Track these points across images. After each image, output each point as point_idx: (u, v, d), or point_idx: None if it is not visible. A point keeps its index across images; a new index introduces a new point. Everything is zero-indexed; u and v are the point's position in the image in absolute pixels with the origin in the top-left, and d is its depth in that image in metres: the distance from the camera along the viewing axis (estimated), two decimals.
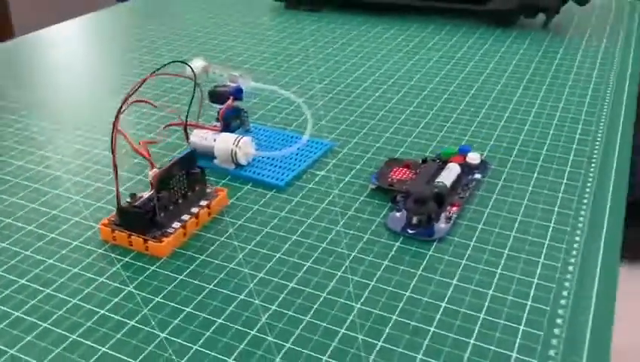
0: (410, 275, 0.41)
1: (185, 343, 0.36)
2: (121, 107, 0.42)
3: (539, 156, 0.56)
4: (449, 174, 0.50)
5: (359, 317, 0.38)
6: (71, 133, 0.62)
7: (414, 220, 0.46)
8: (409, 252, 0.44)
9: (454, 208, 0.48)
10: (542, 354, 0.34)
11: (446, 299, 0.39)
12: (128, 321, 0.37)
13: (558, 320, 0.36)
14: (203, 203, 0.47)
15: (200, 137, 0.54)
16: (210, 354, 0.35)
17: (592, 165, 0.54)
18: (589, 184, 0.51)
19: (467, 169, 0.53)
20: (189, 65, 0.49)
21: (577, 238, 0.44)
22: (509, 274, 0.41)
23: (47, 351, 0.35)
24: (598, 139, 0.59)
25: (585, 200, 0.49)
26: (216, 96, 0.55)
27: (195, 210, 0.46)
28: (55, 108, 0.68)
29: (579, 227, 0.46)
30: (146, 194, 0.45)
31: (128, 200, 0.45)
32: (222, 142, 0.53)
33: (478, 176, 0.52)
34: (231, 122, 0.56)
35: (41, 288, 0.40)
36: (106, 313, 0.38)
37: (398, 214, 0.47)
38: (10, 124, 0.64)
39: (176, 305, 0.39)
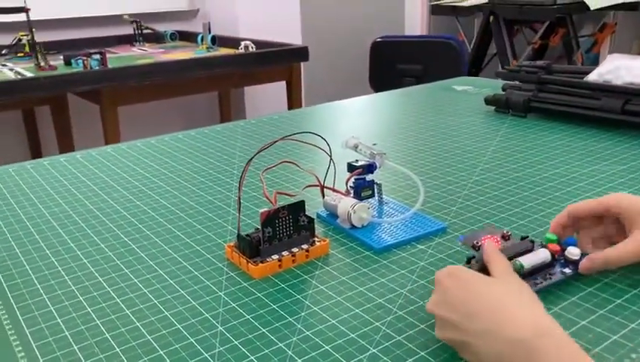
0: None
1: (230, 337, 0.46)
2: (251, 159, 0.56)
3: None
4: (533, 257, 0.51)
5: (368, 359, 0.43)
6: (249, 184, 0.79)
7: None
8: None
9: None
10: None
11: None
12: (204, 313, 0.50)
13: None
14: (304, 246, 0.58)
15: (331, 198, 0.65)
16: (243, 351, 0.45)
17: None
18: None
19: (563, 260, 0.53)
20: (324, 139, 0.61)
21: None
22: None
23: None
24: None
25: None
26: (351, 168, 0.65)
27: (295, 249, 0.57)
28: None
29: None
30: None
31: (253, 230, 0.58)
32: (343, 205, 0.63)
33: (568, 270, 0.52)
34: (361, 191, 0.66)
35: (169, 279, 0.55)
36: (195, 302, 0.51)
37: None
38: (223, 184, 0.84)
39: (242, 312, 0.50)
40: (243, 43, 2.13)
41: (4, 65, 1.94)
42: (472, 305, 0.41)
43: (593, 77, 0.99)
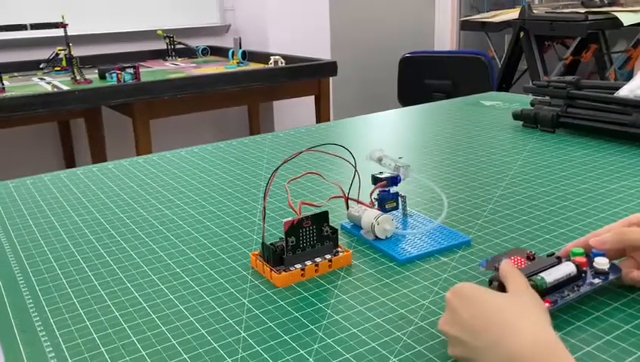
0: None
1: (253, 343, 0.47)
2: (277, 169, 0.57)
3: None
4: (557, 271, 0.50)
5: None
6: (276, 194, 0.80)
7: None
8: None
9: (546, 304, 0.48)
10: None
11: None
12: (228, 319, 0.51)
13: None
14: (327, 256, 0.58)
15: (355, 209, 0.66)
16: (265, 356, 0.45)
17: None
18: None
19: (592, 272, 0.52)
20: (349, 151, 0.62)
21: None
22: None
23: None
24: None
25: None
26: (376, 180, 0.66)
27: (318, 259, 0.58)
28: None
29: None
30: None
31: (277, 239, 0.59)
32: (367, 216, 0.63)
33: (597, 280, 0.51)
34: (385, 203, 0.66)
35: (195, 286, 0.57)
36: (219, 308, 0.52)
37: None
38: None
39: (265, 319, 0.50)
40: (273, 58, 2.15)
41: (42, 78, 2.00)
42: (477, 322, 0.42)
43: (624, 92, 0.98)
